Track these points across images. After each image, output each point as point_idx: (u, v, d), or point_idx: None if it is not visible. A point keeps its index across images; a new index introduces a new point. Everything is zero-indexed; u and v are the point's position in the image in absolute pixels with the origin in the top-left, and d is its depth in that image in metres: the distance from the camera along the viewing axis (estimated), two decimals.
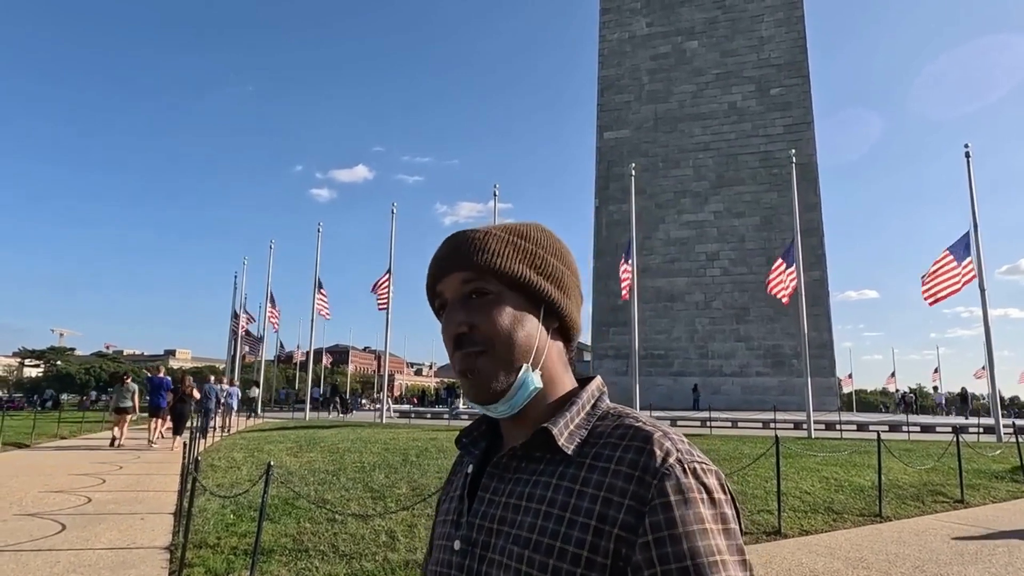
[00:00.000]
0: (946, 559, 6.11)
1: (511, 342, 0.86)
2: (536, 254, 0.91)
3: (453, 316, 0.87)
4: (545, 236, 0.94)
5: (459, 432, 0.99)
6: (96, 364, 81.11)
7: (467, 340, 0.86)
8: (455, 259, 0.89)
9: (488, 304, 0.87)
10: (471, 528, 0.86)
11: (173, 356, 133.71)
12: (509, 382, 0.85)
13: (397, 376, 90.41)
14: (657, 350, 39.39)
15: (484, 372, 0.85)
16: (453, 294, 0.89)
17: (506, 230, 0.92)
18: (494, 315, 0.86)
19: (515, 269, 0.88)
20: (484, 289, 0.87)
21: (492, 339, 0.85)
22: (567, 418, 0.85)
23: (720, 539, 0.73)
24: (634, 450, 0.78)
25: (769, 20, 42.09)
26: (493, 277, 0.87)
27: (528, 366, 0.86)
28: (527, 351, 0.86)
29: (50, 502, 8.44)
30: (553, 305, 0.90)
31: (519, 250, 0.90)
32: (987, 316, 18.92)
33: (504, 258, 0.88)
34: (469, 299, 0.88)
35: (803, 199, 30.37)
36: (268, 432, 19.67)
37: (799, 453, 12.80)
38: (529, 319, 0.88)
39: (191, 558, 5.62)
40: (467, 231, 0.92)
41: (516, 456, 0.86)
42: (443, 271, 0.90)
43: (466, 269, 0.88)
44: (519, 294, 0.88)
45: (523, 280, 0.88)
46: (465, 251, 0.89)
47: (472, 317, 0.86)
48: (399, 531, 6.66)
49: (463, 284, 0.88)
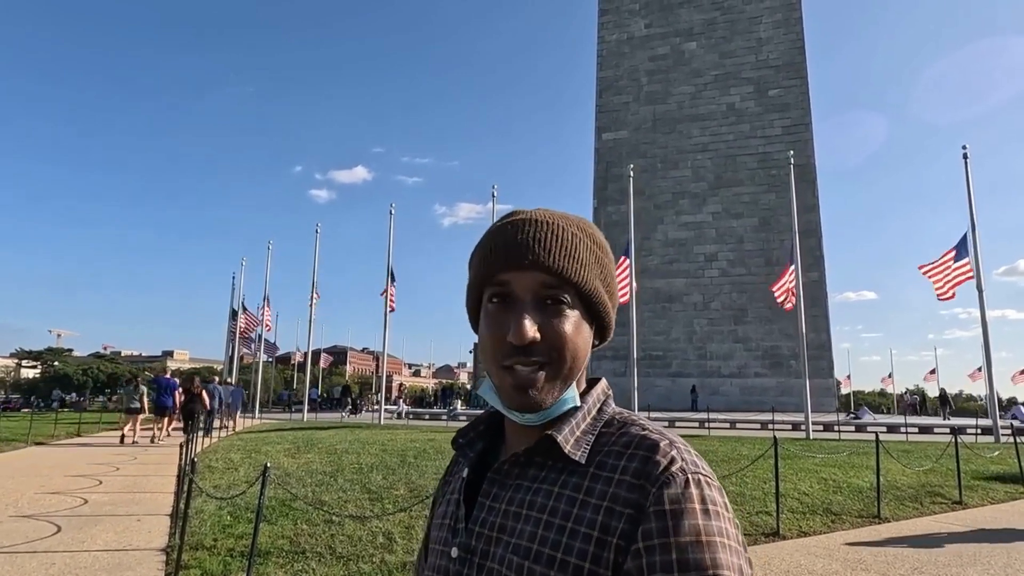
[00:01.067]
0: (944, 560, 6.10)
1: (574, 359, 0.82)
2: (607, 268, 0.87)
3: (526, 320, 0.79)
4: (605, 241, 0.91)
5: (456, 432, 0.96)
6: (94, 365, 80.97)
7: (534, 348, 0.80)
8: (539, 256, 0.81)
9: (564, 316, 0.82)
10: (469, 536, 0.83)
11: (171, 357, 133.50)
12: (558, 398, 0.82)
13: (395, 377, 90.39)
14: (655, 351, 39.41)
15: (543, 387, 0.81)
16: (526, 293, 0.81)
17: (583, 231, 0.87)
18: (567, 329, 0.81)
19: (595, 285, 0.84)
20: (563, 298, 0.82)
21: (558, 354, 0.81)
22: (572, 424, 0.82)
23: (719, 553, 0.68)
24: (639, 459, 0.75)
25: (767, 22, 42.15)
26: (573, 288, 0.82)
27: (574, 384, 0.84)
28: (580, 369, 0.84)
29: (46, 503, 8.41)
30: (606, 323, 0.87)
31: (598, 262, 0.86)
32: (985, 317, 18.94)
33: (589, 271, 0.84)
34: (544, 304, 0.82)
35: (801, 200, 30.42)
36: (266, 433, 19.65)
37: (797, 454, 12.80)
38: (589, 334, 0.85)
39: (187, 560, 5.60)
40: (548, 220, 0.85)
41: (518, 462, 0.84)
42: (520, 264, 0.81)
43: (550, 272, 0.81)
44: (586, 308, 0.84)
45: (597, 299, 0.85)
46: (552, 250, 0.82)
47: (546, 325, 0.81)
48: (396, 533, 6.64)
49: (542, 287, 0.81)
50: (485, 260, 0.84)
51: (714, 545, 0.69)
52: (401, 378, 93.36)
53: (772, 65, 41.53)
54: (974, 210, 19.11)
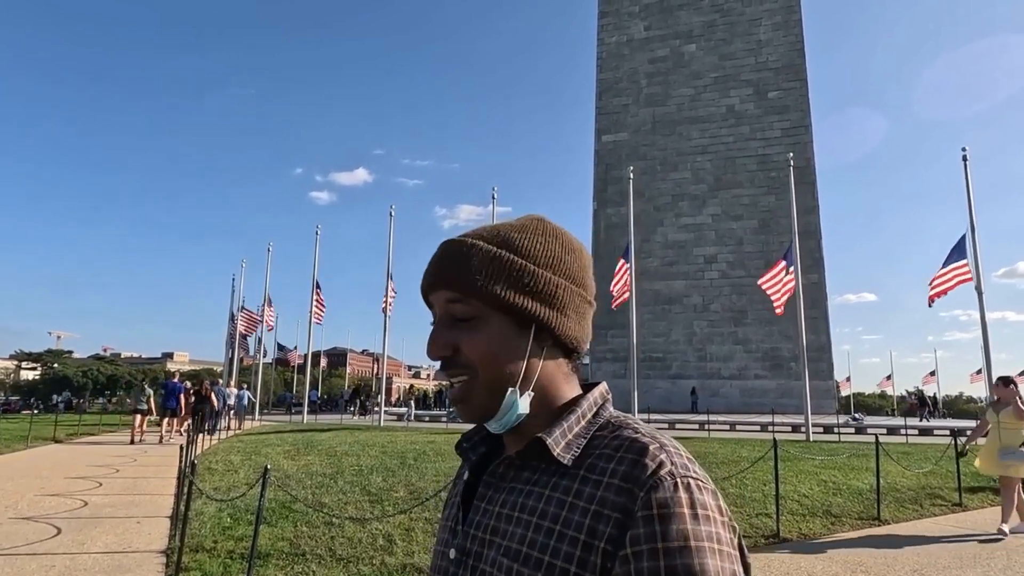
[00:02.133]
0: (944, 563, 6.10)
1: (495, 367, 0.82)
2: (525, 269, 0.84)
3: (437, 337, 0.84)
4: (540, 243, 0.87)
5: (461, 436, 0.98)
6: (94, 367, 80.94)
7: (450, 363, 0.84)
8: (441, 275, 0.85)
9: (471, 328, 0.83)
10: (465, 537, 0.85)
11: (171, 358, 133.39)
12: (495, 406, 0.83)
13: (395, 379, 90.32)
14: (655, 353, 39.39)
15: (471, 400, 0.84)
16: (441, 311, 0.86)
17: (497, 239, 0.87)
18: (476, 340, 0.83)
19: (499, 291, 0.83)
20: (467, 312, 0.84)
21: (475, 365, 0.83)
22: (564, 427, 0.82)
23: (708, 559, 0.67)
24: (628, 462, 0.75)
25: (767, 24, 42.19)
26: (475, 298, 0.83)
27: (515, 390, 0.82)
28: (513, 375, 0.83)
29: (46, 505, 8.41)
30: (544, 324, 0.85)
31: (506, 267, 0.84)
32: (984, 319, 18.93)
33: (487, 278, 0.83)
34: (454, 320, 0.84)
35: (801, 202, 30.42)
36: (265, 435, 19.63)
37: (797, 456, 12.80)
38: (516, 341, 0.84)
39: (187, 562, 5.60)
40: (456, 241, 0.88)
41: (512, 465, 0.84)
42: (431, 285, 0.87)
43: (450, 288, 0.84)
44: (505, 315, 0.84)
45: (507, 302, 0.83)
46: (450, 267, 0.85)
47: (456, 340, 0.83)
48: (396, 535, 6.64)
49: (448, 303, 0.85)
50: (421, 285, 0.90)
51: (703, 551, 0.68)
52: (401, 380, 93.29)
53: (772, 67, 41.56)
54: (973, 211, 19.11)
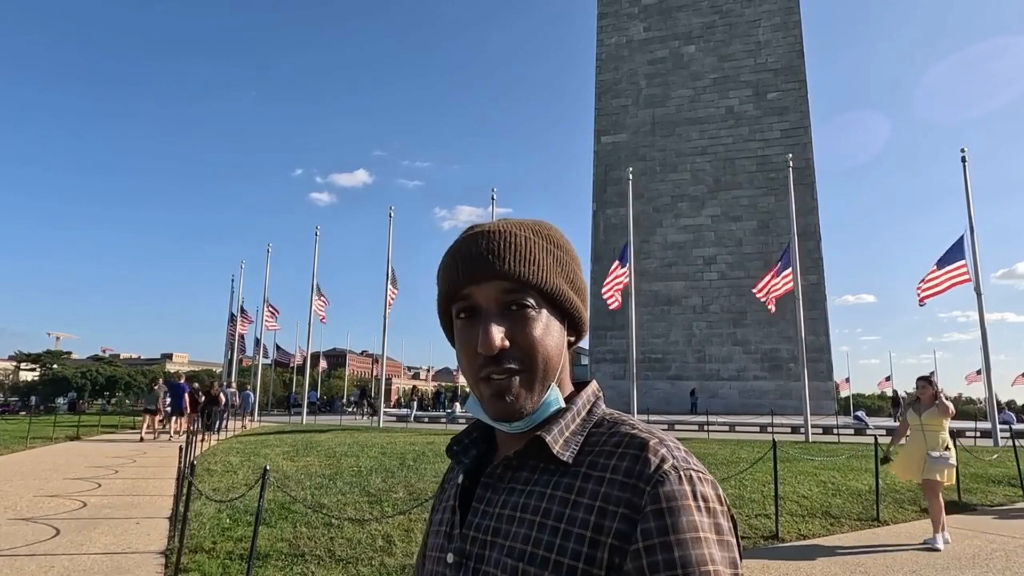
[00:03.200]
0: (943, 563, 6.11)
1: (547, 361, 0.82)
2: (568, 264, 0.88)
3: (494, 330, 0.80)
4: (566, 240, 0.91)
5: (450, 440, 0.96)
6: (93, 368, 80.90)
7: (505, 356, 0.81)
8: (495, 264, 0.82)
9: (530, 320, 0.82)
10: (464, 540, 0.84)
11: (170, 359, 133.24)
12: (539, 402, 0.82)
13: (395, 380, 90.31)
14: (655, 354, 39.38)
15: (520, 394, 0.81)
16: (490, 303, 0.82)
17: (539, 234, 0.87)
18: (536, 332, 0.82)
19: (557, 285, 0.84)
20: (526, 302, 0.82)
21: (531, 358, 0.81)
22: (561, 425, 0.83)
23: (715, 549, 0.70)
24: (629, 458, 0.76)
25: (766, 25, 42.23)
26: (535, 291, 0.83)
27: (554, 384, 0.84)
28: (557, 369, 0.84)
29: (45, 506, 8.40)
30: (578, 319, 0.88)
31: (557, 261, 0.86)
32: (983, 320, 18.95)
33: (547, 271, 0.84)
34: (509, 311, 0.82)
35: (800, 203, 30.45)
36: (265, 436, 19.62)
37: (796, 457, 12.80)
38: (561, 334, 0.86)
39: (187, 563, 5.60)
40: (503, 230, 0.85)
41: (510, 466, 0.84)
42: (479, 275, 0.82)
43: (508, 279, 0.82)
44: (553, 308, 0.85)
45: (561, 295, 0.85)
46: (507, 257, 0.82)
47: (513, 331, 0.81)
48: (396, 536, 6.64)
49: (504, 294, 0.82)
50: (448, 277, 0.85)
51: (710, 541, 0.70)
52: (401, 381, 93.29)
53: (771, 68, 41.60)
54: (972, 213, 19.14)
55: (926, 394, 7.18)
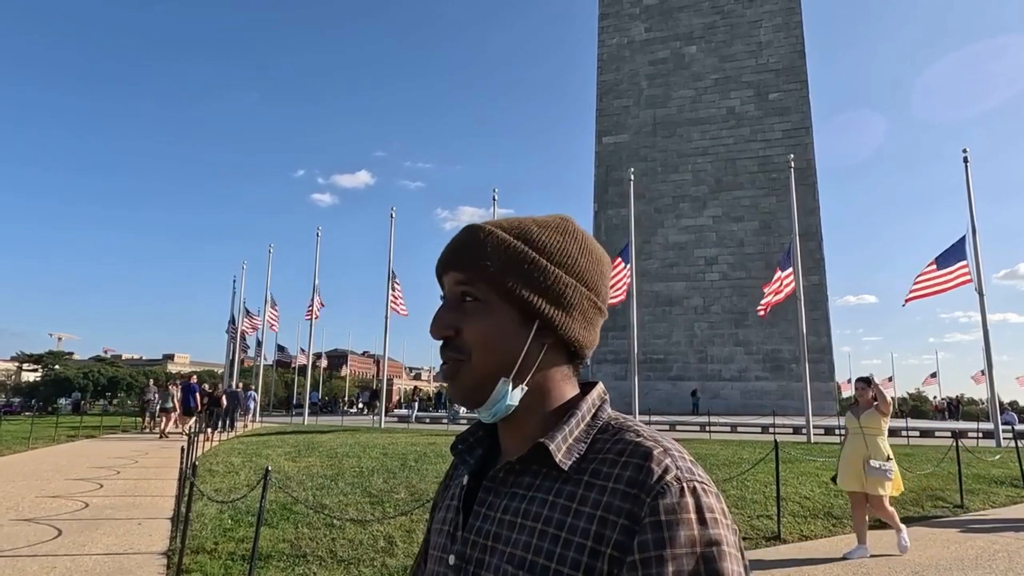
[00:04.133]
0: (946, 564, 6.09)
1: (490, 355, 0.83)
2: (536, 263, 0.84)
3: (440, 317, 0.85)
4: (558, 240, 0.87)
5: (455, 438, 0.96)
6: (94, 368, 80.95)
7: (451, 345, 0.84)
8: (455, 256, 0.86)
9: (475, 311, 0.84)
10: (465, 544, 0.83)
11: (172, 360, 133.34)
12: (485, 394, 0.83)
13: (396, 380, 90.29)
14: (656, 355, 39.36)
15: (461, 381, 0.84)
16: (448, 292, 0.87)
17: (516, 230, 0.87)
18: (477, 325, 0.83)
19: (507, 281, 0.83)
20: (474, 295, 0.84)
21: (471, 347, 0.83)
22: (565, 432, 0.81)
23: (716, 563, 0.68)
24: (632, 467, 0.74)
25: (767, 25, 42.22)
26: (483, 283, 0.84)
27: (507, 381, 0.82)
28: (507, 365, 0.83)
29: (47, 507, 8.41)
30: (547, 321, 0.84)
31: (518, 258, 0.84)
32: (986, 320, 18.92)
33: (498, 264, 0.83)
34: (461, 302, 0.85)
35: (802, 203, 30.42)
36: (266, 436, 19.63)
37: (798, 458, 12.78)
38: (517, 333, 0.84)
39: (188, 563, 5.60)
40: (476, 227, 0.88)
41: (513, 470, 0.83)
42: (444, 266, 0.88)
43: (461, 270, 0.85)
44: (510, 305, 0.84)
45: (514, 293, 0.83)
46: (463, 250, 0.86)
47: (458, 322, 0.84)
48: (397, 536, 6.64)
49: (456, 284, 0.86)
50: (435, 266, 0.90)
51: (711, 555, 0.68)
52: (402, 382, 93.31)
53: (772, 69, 41.58)
54: (974, 213, 19.10)
55: (864, 396, 6.76)
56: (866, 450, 6.46)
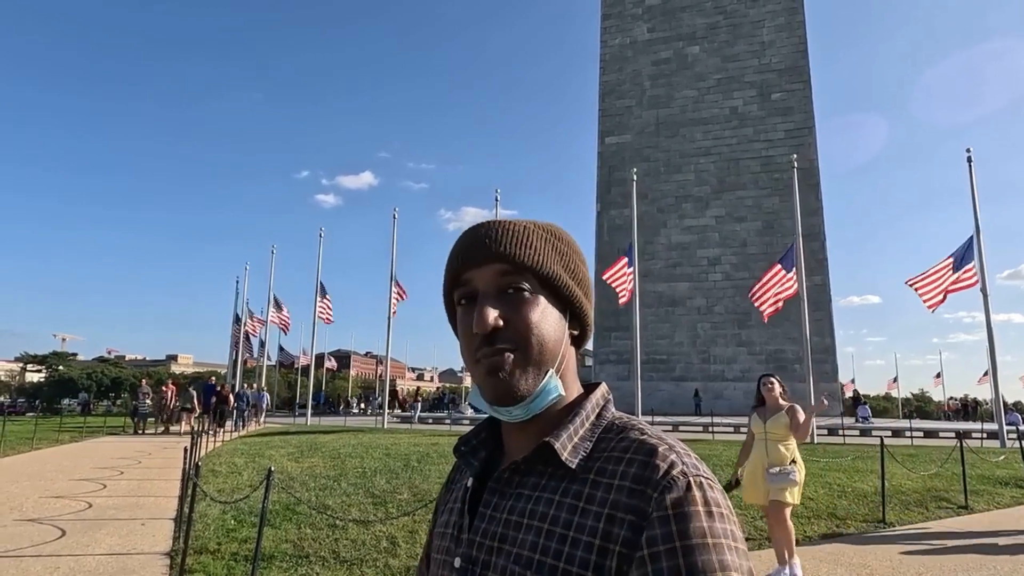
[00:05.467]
0: (950, 566, 6.07)
1: (543, 344, 0.82)
2: (569, 256, 0.88)
3: (488, 309, 0.81)
4: (571, 238, 0.92)
5: (458, 439, 0.95)
6: (98, 369, 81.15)
7: (499, 336, 0.81)
8: (492, 249, 0.84)
9: (525, 301, 0.83)
10: (471, 546, 0.83)
11: (175, 361, 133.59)
12: (534, 386, 0.82)
13: (399, 381, 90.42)
14: (659, 355, 39.32)
15: (513, 372, 0.81)
16: (487, 286, 0.83)
17: (540, 227, 0.89)
18: (531, 313, 0.82)
19: (554, 270, 0.85)
20: (521, 285, 0.83)
21: (526, 338, 0.81)
22: (570, 430, 0.82)
23: (726, 555, 0.68)
24: (638, 464, 0.75)
25: (770, 25, 42.17)
26: (531, 274, 0.84)
27: (552, 371, 0.83)
28: (554, 355, 0.83)
29: (51, 507, 8.43)
30: (579, 311, 0.88)
31: (556, 250, 0.87)
32: (990, 321, 18.87)
33: (544, 256, 0.85)
34: (505, 293, 0.83)
35: (804, 204, 30.37)
36: (269, 437, 19.66)
37: (802, 459, 12.75)
38: (559, 321, 0.85)
39: (192, 564, 5.61)
40: (503, 221, 0.88)
41: (518, 471, 0.83)
42: (476, 260, 0.84)
43: (505, 262, 0.83)
44: (552, 296, 0.85)
45: (559, 282, 0.85)
46: (504, 242, 0.84)
47: (508, 313, 0.82)
48: (400, 537, 6.64)
49: (500, 276, 0.83)
50: (449, 265, 0.87)
51: (720, 547, 0.68)
52: (404, 382, 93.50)
53: (775, 69, 41.53)
54: (978, 213, 19.05)
55: (772, 396, 5.90)
56: (767, 457, 5.65)
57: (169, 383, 24.97)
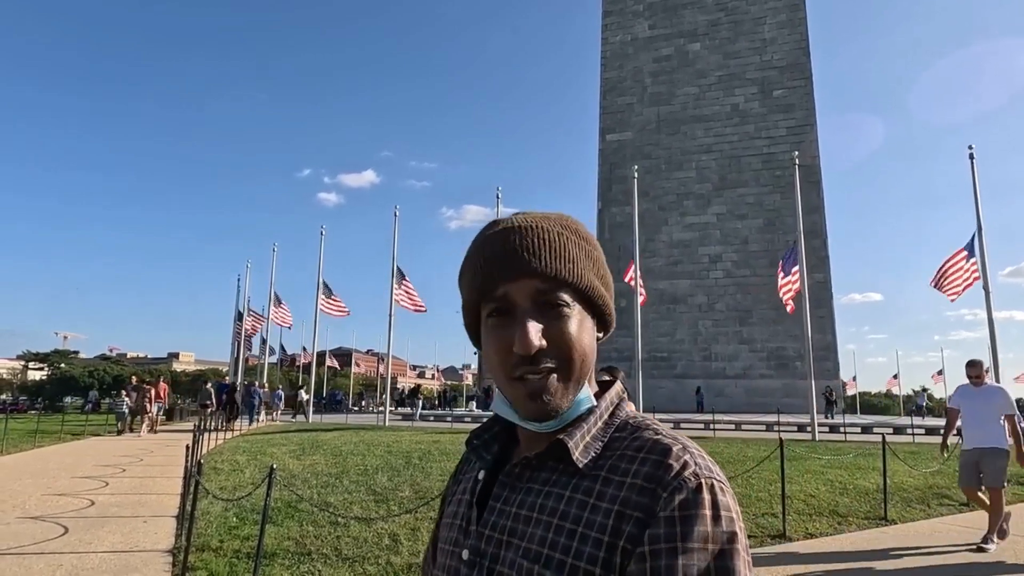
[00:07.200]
0: (952, 563, 6.07)
1: (583, 360, 0.81)
2: (598, 260, 0.87)
3: (531, 327, 0.78)
4: (590, 234, 0.89)
5: (470, 432, 0.95)
6: (100, 367, 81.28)
7: (542, 355, 0.79)
8: (530, 261, 0.80)
9: (566, 318, 0.80)
10: (480, 539, 0.83)
11: (176, 359, 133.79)
12: (572, 401, 0.81)
13: (400, 379, 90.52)
14: (660, 352, 39.33)
15: (555, 393, 0.79)
16: (525, 301, 0.80)
17: (568, 228, 0.85)
18: (572, 331, 0.80)
19: (590, 281, 0.83)
20: (562, 300, 0.80)
21: (569, 357, 0.80)
22: (584, 429, 0.81)
23: (727, 561, 0.68)
24: (651, 463, 0.74)
25: (771, 22, 42.10)
26: (570, 288, 0.81)
27: (586, 383, 0.83)
28: (590, 367, 0.83)
29: (53, 505, 8.44)
30: (608, 315, 0.87)
31: (589, 257, 0.85)
32: (992, 318, 18.84)
33: (582, 268, 0.82)
34: (545, 309, 0.80)
35: (806, 201, 30.31)
36: (271, 435, 19.69)
37: (803, 456, 12.77)
38: (593, 332, 0.84)
39: (194, 561, 5.61)
40: (532, 226, 0.83)
41: (529, 465, 0.83)
42: (510, 273, 0.80)
43: (544, 276, 0.80)
44: (587, 306, 0.83)
45: (595, 292, 0.83)
46: (542, 253, 0.80)
47: (551, 330, 0.79)
48: (402, 534, 6.64)
49: (540, 293, 0.80)
50: (477, 276, 0.82)
51: (723, 552, 0.68)
52: (406, 380, 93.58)
53: (776, 66, 41.47)
54: (980, 210, 19.02)
55: None
56: None
57: (161, 382, 24.37)
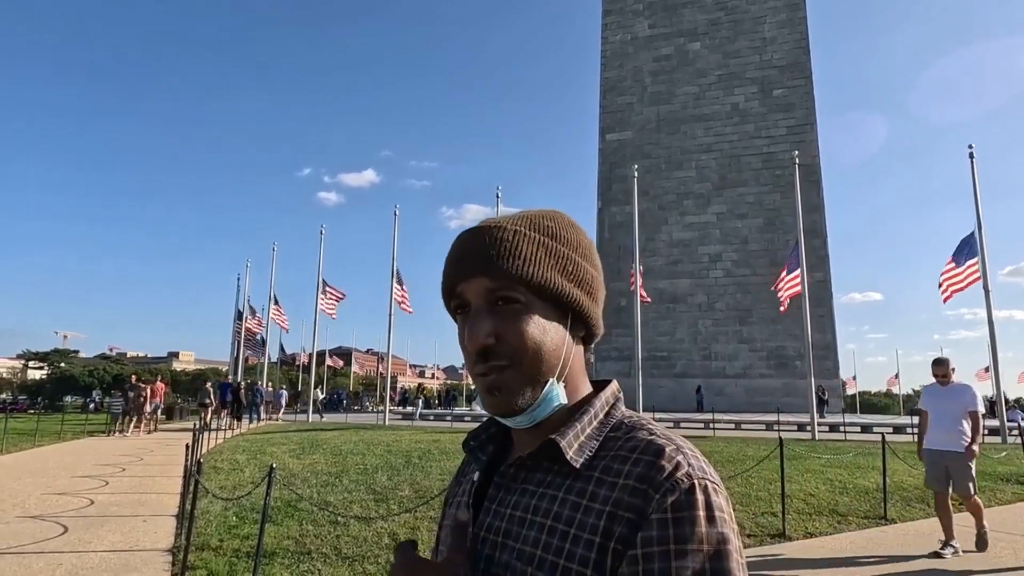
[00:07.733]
0: (952, 562, 6.07)
1: (539, 356, 0.80)
2: (567, 257, 0.84)
3: (479, 326, 0.79)
4: (573, 232, 0.87)
5: (467, 435, 0.95)
6: (100, 367, 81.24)
7: (492, 353, 0.79)
8: (481, 261, 0.81)
9: (516, 314, 0.80)
10: (475, 540, 0.83)
11: (176, 358, 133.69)
12: (534, 397, 0.80)
13: (400, 378, 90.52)
14: (660, 352, 39.34)
15: (510, 389, 0.80)
16: (477, 300, 0.81)
17: (534, 227, 0.85)
18: (523, 327, 0.79)
19: (547, 278, 0.81)
20: (512, 297, 0.80)
21: (520, 353, 0.79)
22: (577, 429, 0.81)
23: (720, 563, 0.67)
24: (644, 464, 0.73)
25: (771, 21, 42.07)
26: (523, 285, 0.80)
27: (553, 380, 0.81)
28: (554, 365, 0.81)
29: (53, 504, 8.45)
30: (582, 313, 0.85)
31: (550, 254, 0.83)
32: (992, 317, 18.85)
33: (537, 265, 0.81)
34: (495, 307, 0.80)
35: (806, 200, 30.32)
36: (271, 434, 19.70)
37: (803, 455, 12.77)
38: (557, 329, 0.82)
39: (193, 560, 5.62)
40: (492, 226, 0.84)
41: (523, 466, 0.83)
42: (466, 273, 0.82)
43: (494, 275, 0.80)
44: (548, 303, 0.82)
45: (555, 290, 0.82)
46: (493, 253, 0.81)
47: (499, 328, 0.79)
48: (402, 534, 6.65)
49: (490, 291, 0.80)
50: (443, 276, 0.85)
51: (716, 554, 0.68)
52: (406, 380, 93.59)
53: (776, 65, 41.45)
54: (980, 210, 19.01)
55: None
56: None
57: (158, 381, 24.61)
